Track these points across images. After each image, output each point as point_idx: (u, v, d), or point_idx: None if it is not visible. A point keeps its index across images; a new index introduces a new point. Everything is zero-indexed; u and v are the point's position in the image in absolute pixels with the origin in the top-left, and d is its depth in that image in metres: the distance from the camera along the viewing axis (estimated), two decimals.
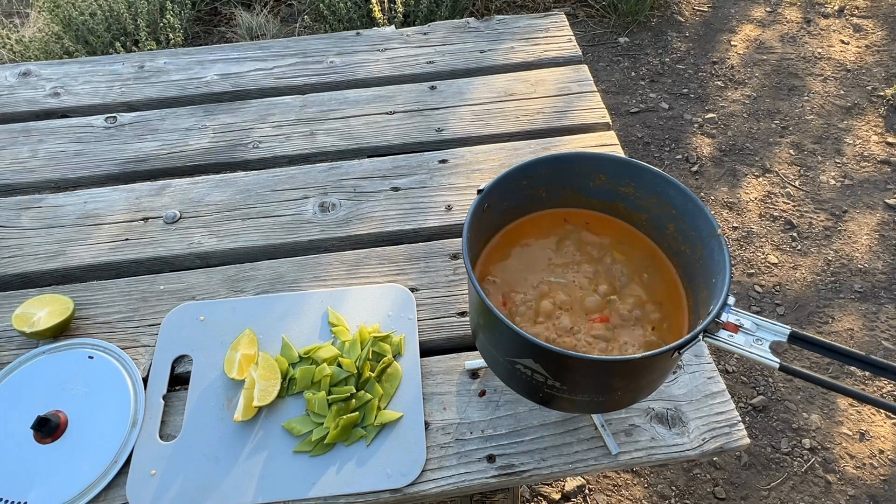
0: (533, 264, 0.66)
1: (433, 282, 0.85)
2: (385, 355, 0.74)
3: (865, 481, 1.38)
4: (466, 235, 0.57)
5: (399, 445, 0.68)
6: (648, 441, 0.69)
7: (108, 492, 0.66)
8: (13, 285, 0.88)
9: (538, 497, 1.37)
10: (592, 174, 0.66)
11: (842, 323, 1.65)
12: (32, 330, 0.76)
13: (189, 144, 1.06)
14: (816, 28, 2.55)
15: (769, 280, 1.76)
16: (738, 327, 0.49)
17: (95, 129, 1.09)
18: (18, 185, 1.01)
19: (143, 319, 0.81)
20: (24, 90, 1.17)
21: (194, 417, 0.71)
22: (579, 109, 1.09)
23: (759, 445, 1.45)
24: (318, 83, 1.18)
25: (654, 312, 0.62)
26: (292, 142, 1.06)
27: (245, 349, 0.75)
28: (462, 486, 0.66)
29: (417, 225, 0.92)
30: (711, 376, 0.74)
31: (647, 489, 1.39)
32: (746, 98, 2.28)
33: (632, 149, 2.13)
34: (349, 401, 0.70)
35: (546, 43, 1.24)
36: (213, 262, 0.90)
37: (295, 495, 0.65)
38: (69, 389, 0.73)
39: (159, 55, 1.23)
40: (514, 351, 0.55)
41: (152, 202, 0.96)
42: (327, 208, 0.95)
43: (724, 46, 2.50)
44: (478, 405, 0.72)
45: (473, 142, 1.06)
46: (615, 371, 0.54)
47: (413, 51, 1.23)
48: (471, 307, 0.66)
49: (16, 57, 2.11)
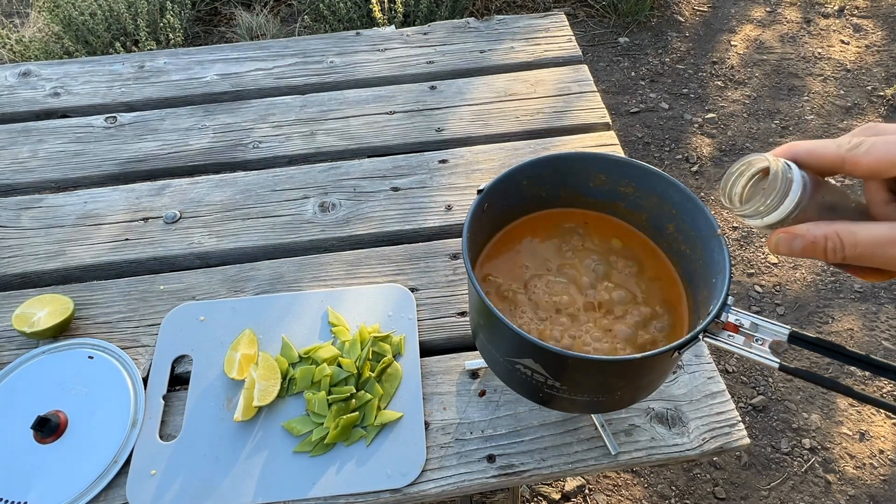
0: (533, 264, 0.66)
1: (433, 282, 0.85)
2: (385, 355, 0.74)
3: (865, 481, 1.38)
4: (466, 235, 0.57)
5: (399, 445, 0.68)
6: (648, 441, 0.69)
7: (108, 492, 0.66)
8: (13, 285, 0.88)
9: (538, 497, 1.37)
10: (592, 174, 0.66)
11: (842, 323, 1.65)
12: (32, 330, 0.76)
13: (189, 144, 1.06)
14: (816, 28, 2.55)
15: (769, 280, 1.76)
16: (738, 327, 0.49)
17: (95, 129, 1.09)
18: (18, 185, 1.01)
19: (143, 319, 0.81)
20: (24, 90, 1.17)
21: (194, 417, 0.71)
22: (579, 109, 1.09)
23: (759, 445, 1.45)
24: (318, 83, 1.18)
25: (654, 312, 0.62)
26: (292, 142, 1.06)
27: (245, 349, 0.75)
28: (462, 486, 0.66)
29: (417, 225, 0.92)
30: (711, 376, 0.74)
31: (647, 489, 1.39)
32: (746, 98, 2.29)
33: (632, 149, 2.13)
34: (349, 401, 0.70)
35: (546, 43, 1.24)
36: (213, 262, 0.90)
37: (295, 495, 0.65)
38: (69, 389, 0.73)
39: (159, 55, 1.23)
40: (514, 351, 0.55)
41: (152, 202, 0.96)
42: (327, 208, 0.95)
43: (724, 46, 2.50)
44: (478, 405, 0.72)
45: (473, 142, 1.06)
46: (615, 371, 0.54)
47: (413, 51, 1.23)
48: (471, 307, 0.66)
49: (16, 57, 2.11)
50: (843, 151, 0.37)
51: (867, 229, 0.36)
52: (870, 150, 0.35)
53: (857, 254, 0.36)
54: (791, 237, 0.38)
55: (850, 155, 0.36)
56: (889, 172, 0.35)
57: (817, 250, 0.37)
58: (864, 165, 0.36)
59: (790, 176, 0.37)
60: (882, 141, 0.35)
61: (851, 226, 0.36)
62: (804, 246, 0.37)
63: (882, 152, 0.35)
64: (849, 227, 0.36)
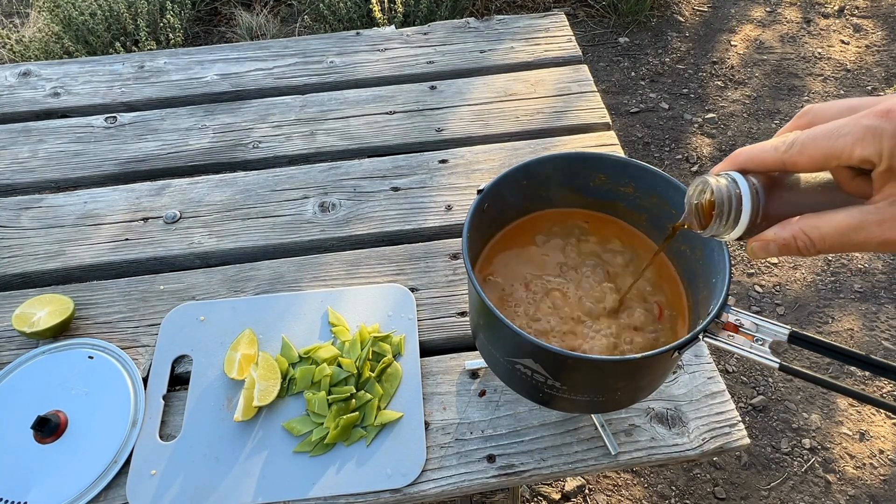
0: (533, 264, 0.66)
1: (433, 282, 0.85)
2: (385, 355, 0.74)
3: (865, 481, 1.38)
4: (466, 235, 0.57)
5: (399, 445, 0.68)
6: (648, 441, 0.69)
7: (108, 492, 0.66)
8: (13, 285, 0.88)
9: (538, 497, 1.37)
10: (592, 174, 0.66)
11: (842, 323, 1.65)
12: (32, 330, 0.76)
13: (189, 144, 1.06)
14: (816, 28, 2.55)
15: (769, 280, 1.76)
16: (738, 327, 0.49)
17: (95, 129, 1.09)
18: (18, 185, 1.01)
19: (143, 319, 0.81)
20: (24, 90, 1.17)
21: (194, 417, 0.71)
22: (579, 109, 1.09)
23: (759, 445, 1.45)
24: (318, 83, 1.18)
25: (654, 312, 0.62)
26: (292, 142, 1.06)
27: (245, 349, 0.75)
28: (462, 486, 0.66)
29: (417, 225, 0.92)
30: (711, 376, 0.74)
31: (647, 489, 1.39)
32: (746, 98, 2.28)
33: (632, 149, 2.13)
34: (349, 401, 0.70)
35: (546, 43, 1.24)
36: (213, 262, 0.90)
37: (295, 495, 0.65)
38: (69, 389, 0.73)
39: (159, 55, 1.23)
40: (514, 351, 0.55)
41: (152, 202, 0.96)
42: (327, 208, 0.95)
43: (724, 46, 2.50)
44: (478, 405, 0.72)
45: (473, 142, 1.06)
46: (615, 371, 0.54)
47: (413, 51, 1.23)
48: (471, 307, 0.66)
49: (16, 57, 2.11)
50: (780, 154, 0.36)
51: (828, 221, 0.35)
52: (802, 149, 0.35)
53: (827, 245, 0.35)
54: (763, 244, 0.38)
55: (788, 156, 0.36)
56: (827, 165, 0.35)
57: (791, 250, 0.37)
58: (803, 164, 0.35)
59: (738, 191, 0.38)
60: (810, 136, 0.35)
61: (814, 219, 0.36)
62: (778, 248, 0.37)
63: (812, 149, 0.34)
64: (812, 223, 0.36)
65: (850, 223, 0.34)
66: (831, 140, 0.34)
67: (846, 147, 0.33)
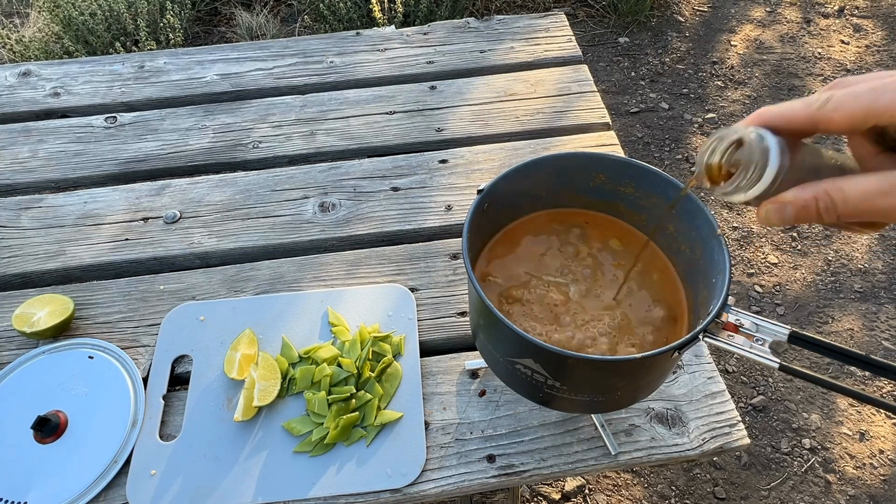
0: (533, 264, 0.66)
1: (433, 282, 0.85)
2: (385, 355, 0.74)
3: (865, 481, 1.38)
4: (466, 235, 0.57)
5: (399, 445, 0.68)
6: (648, 441, 0.69)
7: (108, 492, 0.66)
8: (13, 285, 0.88)
9: (538, 497, 1.37)
10: (592, 174, 0.66)
11: (842, 323, 1.65)
12: (32, 330, 0.76)
13: (189, 144, 1.06)
14: (816, 28, 2.55)
15: (769, 280, 1.76)
16: (738, 327, 0.49)
17: (95, 129, 1.09)
18: (18, 185, 1.01)
19: (143, 319, 0.81)
20: (24, 90, 1.17)
21: (194, 417, 0.71)
22: (579, 109, 1.09)
23: (759, 445, 1.45)
24: (318, 83, 1.18)
25: (654, 312, 0.62)
26: (292, 142, 1.06)
27: (245, 349, 0.75)
28: (462, 487, 0.66)
29: (417, 225, 0.92)
30: (711, 376, 0.74)
31: (647, 489, 1.39)
32: (746, 98, 2.29)
33: (632, 149, 2.13)
34: (349, 401, 0.70)
35: (546, 43, 1.24)
36: (213, 262, 0.90)
37: (295, 495, 0.65)
38: (69, 389, 0.73)
39: (159, 55, 1.23)
40: (514, 351, 0.55)
41: (152, 202, 0.96)
42: (327, 208, 0.95)
43: (724, 46, 2.50)
44: (478, 405, 0.72)
45: (473, 142, 1.06)
46: (615, 371, 0.54)
47: (413, 51, 1.23)
48: (471, 307, 0.66)
49: (16, 57, 2.11)
50: (812, 111, 0.35)
51: (855, 183, 0.34)
52: (839, 105, 0.33)
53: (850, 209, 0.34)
54: (780, 206, 0.36)
55: (821, 113, 0.34)
56: (864, 124, 0.33)
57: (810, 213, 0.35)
58: (837, 121, 0.34)
59: (766, 144, 0.36)
60: (850, 93, 0.33)
61: (839, 181, 0.34)
62: (796, 212, 0.35)
63: (852, 105, 0.33)
64: (837, 184, 0.34)
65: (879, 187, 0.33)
66: (875, 95, 0.32)
67: (891, 104, 0.32)
